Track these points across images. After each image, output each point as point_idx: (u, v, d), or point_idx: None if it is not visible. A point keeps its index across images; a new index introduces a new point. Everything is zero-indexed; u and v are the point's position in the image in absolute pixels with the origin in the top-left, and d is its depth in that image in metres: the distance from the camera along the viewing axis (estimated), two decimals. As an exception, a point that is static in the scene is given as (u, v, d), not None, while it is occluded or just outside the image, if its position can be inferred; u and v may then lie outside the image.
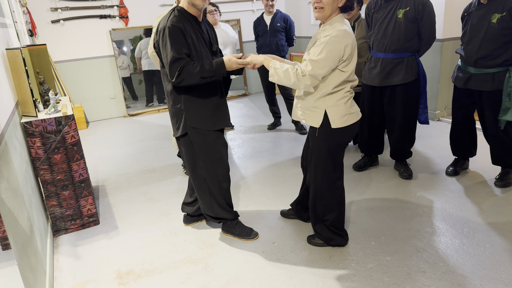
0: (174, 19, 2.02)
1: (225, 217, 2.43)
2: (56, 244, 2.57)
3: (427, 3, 2.79)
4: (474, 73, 2.78)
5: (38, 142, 2.43)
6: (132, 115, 6.03)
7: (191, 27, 2.08)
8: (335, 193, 2.19)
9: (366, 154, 3.41)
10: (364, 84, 3.18)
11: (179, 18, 2.04)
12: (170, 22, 2.01)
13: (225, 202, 2.39)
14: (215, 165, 2.29)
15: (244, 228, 2.49)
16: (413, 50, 2.92)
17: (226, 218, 2.44)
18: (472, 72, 2.79)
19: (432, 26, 2.85)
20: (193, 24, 2.10)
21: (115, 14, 5.61)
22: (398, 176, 3.20)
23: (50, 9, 5.24)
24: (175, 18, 2.03)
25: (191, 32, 2.07)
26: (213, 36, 2.29)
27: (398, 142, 3.15)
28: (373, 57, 3.06)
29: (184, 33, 2.02)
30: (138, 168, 3.81)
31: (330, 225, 2.24)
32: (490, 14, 2.62)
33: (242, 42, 6.63)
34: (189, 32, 2.05)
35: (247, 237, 2.45)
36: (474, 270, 2.04)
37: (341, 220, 2.26)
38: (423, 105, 3.06)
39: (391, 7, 2.87)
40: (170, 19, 2.03)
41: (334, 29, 1.94)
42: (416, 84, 2.97)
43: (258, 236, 2.48)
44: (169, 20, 2.03)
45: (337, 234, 2.27)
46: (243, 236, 2.46)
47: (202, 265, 2.24)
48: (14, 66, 2.39)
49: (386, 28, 2.90)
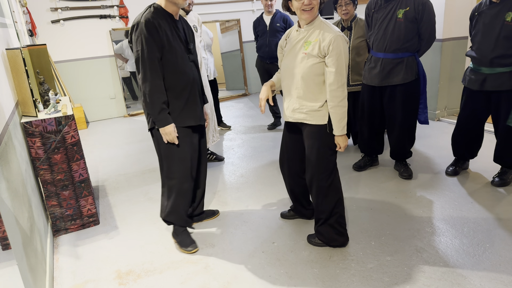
0: (148, 15, 2.03)
1: (174, 221, 2.37)
2: (56, 244, 2.57)
3: (427, 3, 2.79)
4: (489, 74, 2.74)
5: (38, 142, 2.42)
6: (132, 115, 6.03)
7: (166, 24, 2.08)
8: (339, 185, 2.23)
9: (366, 154, 3.41)
10: (364, 84, 3.18)
11: (154, 14, 2.04)
12: (144, 18, 2.02)
13: (181, 205, 2.32)
14: (177, 164, 2.23)
15: (187, 238, 2.40)
16: (413, 50, 2.92)
17: (174, 223, 2.39)
18: (486, 73, 2.75)
19: (432, 26, 2.85)
20: (169, 21, 2.10)
21: (115, 14, 5.61)
22: (398, 176, 3.20)
23: (50, 9, 5.24)
24: (149, 14, 2.03)
25: (166, 29, 2.07)
26: (190, 34, 2.27)
27: (398, 142, 3.15)
28: (373, 57, 3.07)
29: (158, 30, 2.02)
30: (138, 168, 3.81)
31: (340, 217, 2.24)
32: (504, 12, 2.61)
33: (242, 42, 6.63)
34: (163, 29, 2.05)
35: (183, 248, 2.36)
36: (474, 270, 2.04)
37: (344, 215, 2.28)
38: (423, 105, 3.06)
39: (391, 7, 2.87)
40: (145, 15, 2.04)
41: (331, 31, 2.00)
42: (416, 84, 2.97)
43: (197, 249, 2.37)
44: (143, 16, 2.03)
45: (340, 234, 2.27)
46: (181, 245, 2.38)
47: (202, 265, 2.24)
48: (14, 66, 2.39)
49: (386, 28, 2.90)
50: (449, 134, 3.22)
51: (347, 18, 3.41)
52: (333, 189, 2.20)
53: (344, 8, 3.33)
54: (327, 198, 2.20)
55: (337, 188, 2.22)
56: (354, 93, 3.59)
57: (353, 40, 3.42)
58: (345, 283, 2.01)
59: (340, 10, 3.38)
